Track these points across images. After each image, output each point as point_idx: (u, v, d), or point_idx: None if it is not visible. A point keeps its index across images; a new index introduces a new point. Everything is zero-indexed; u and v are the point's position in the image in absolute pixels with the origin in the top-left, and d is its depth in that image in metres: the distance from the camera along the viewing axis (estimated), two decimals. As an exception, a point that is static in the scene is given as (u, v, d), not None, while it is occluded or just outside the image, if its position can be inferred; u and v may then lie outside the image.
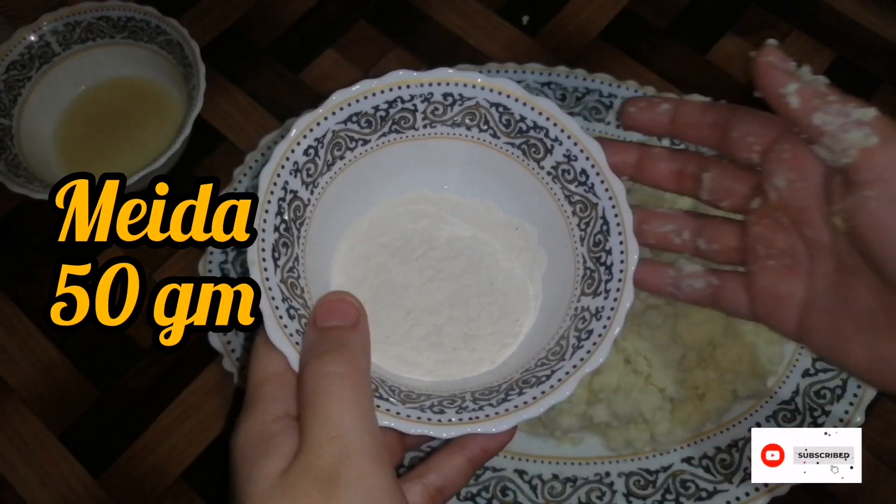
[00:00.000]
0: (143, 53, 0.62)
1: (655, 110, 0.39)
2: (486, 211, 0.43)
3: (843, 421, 0.51)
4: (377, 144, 0.41)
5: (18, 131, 0.60)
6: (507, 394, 0.35)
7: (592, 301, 0.37)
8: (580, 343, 0.36)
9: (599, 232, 0.39)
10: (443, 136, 0.42)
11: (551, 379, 0.35)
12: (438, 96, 0.41)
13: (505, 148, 0.41)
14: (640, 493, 0.50)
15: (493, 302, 0.41)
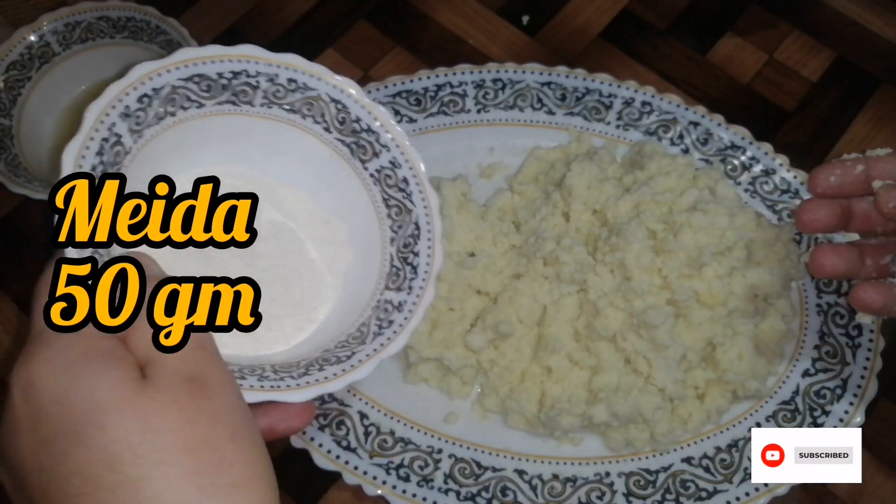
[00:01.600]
0: (143, 53, 0.62)
1: (852, 173, 0.41)
2: (300, 200, 0.44)
3: (843, 421, 0.51)
4: (211, 111, 0.41)
5: (18, 131, 0.60)
6: (308, 369, 0.36)
7: (396, 295, 0.40)
8: (381, 331, 0.39)
9: (411, 235, 0.41)
10: (277, 118, 0.42)
11: (352, 359, 0.37)
12: (283, 79, 0.42)
13: (334, 144, 0.43)
14: (640, 493, 0.50)
15: (294, 287, 0.42)
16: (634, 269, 0.50)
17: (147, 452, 0.27)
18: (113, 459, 0.27)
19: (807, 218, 0.42)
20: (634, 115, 0.61)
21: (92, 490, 0.27)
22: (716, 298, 0.50)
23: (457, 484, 0.51)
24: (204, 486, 0.28)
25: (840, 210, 0.42)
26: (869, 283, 0.42)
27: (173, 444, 0.28)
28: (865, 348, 0.53)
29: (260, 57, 0.41)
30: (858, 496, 0.52)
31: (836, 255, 0.42)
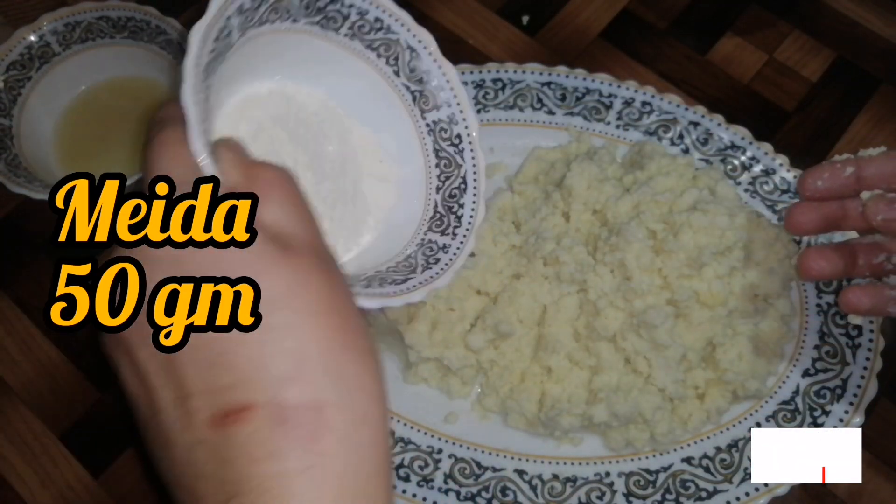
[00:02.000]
0: (143, 53, 0.62)
1: (841, 176, 0.41)
2: (362, 135, 0.46)
3: (843, 421, 0.51)
4: (302, 28, 0.42)
5: (18, 131, 0.60)
6: (370, 283, 0.39)
7: (440, 238, 0.43)
8: (429, 265, 0.42)
9: (457, 188, 0.44)
10: (354, 52, 0.44)
11: (406, 283, 0.40)
12: (371, 17, 0.43)
13: (400, 88, 0.45)
14: (640, 493, 0.50)
15: (346, 211, 0.44)
16: (634, 269, 0.50)
17: (297, 304, 0.29)
18: (275, 301, 0.28)
19: (795, 221, 0.43)
20: (634, 115, 0.61)
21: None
22: (716, 298, 0.50)
23: (457, 484, 0.51)
24: (346, 344, 0.29)
25: (831, 212, 0.42)
26: (858, 286, 0.42)
27: (318, 302, 0.29)
28: (865, 348, 0.53)
29: None
30: (858, 496, 0.52)
31: (823, 258, 0.42)
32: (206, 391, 0.28)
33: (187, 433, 0.28)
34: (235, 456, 0.27)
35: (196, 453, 0.28)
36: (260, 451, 0.27)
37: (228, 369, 0.28)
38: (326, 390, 0.28)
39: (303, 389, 0.28)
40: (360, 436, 0.29)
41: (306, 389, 0.28)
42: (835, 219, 0.43)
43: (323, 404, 0.28)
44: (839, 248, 0.43)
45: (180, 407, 0.28)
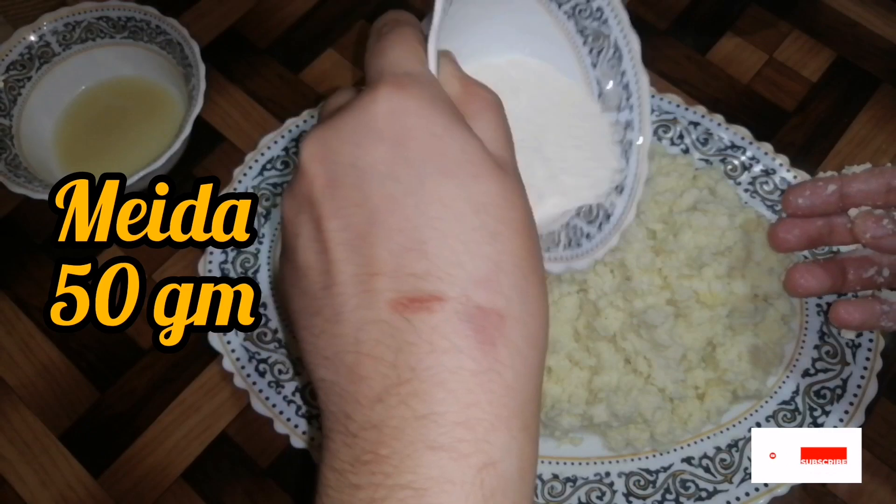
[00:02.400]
0: (143, 53, 0.62)
1: (823, 193, 0.41)
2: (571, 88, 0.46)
3: (843, 421, 0.51)
4: None
5: (18, 131, 0.60)
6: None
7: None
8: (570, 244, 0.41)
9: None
10: (566, 32, 0.44)
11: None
12: (594, 6, 0.44)
13: (592, 81, 0.45)
14: (640, 493, 0.50)
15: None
16: (634, 269, 0.50)
17: (504, 216, 0.29)
18: (486, 207, 0.29)
19: (778, 238, 0.43)
20: (634, 115, 0.61)
21: (456, 227, 0.28)
22: (716, 298, 0.50)
23: (457, 484, 0.51)
24: (534, 268, 0.30)
25: (816, 228, 0.42)
26: (848, 301, 0.42)
27: (520, 220, 0.30)
28: (865, 348, 0.53)
29: None
30: (858, 496, 0.52)
31: (810, 274, 0.42)
32: (396, 273, 0.28)
33: (365, 310, 0.28)
34: (415, 342, 0.27)
35: (370, 332, 0.28)
36: (443, 343, 0.27)
37: (424, 257, 0.28)
38: (513, 303, 0.28)
39: (492, 295, 0.28)
40: (531, 356, 0.29)
41: (495, 297, 0.28)
42: (820, 235, 0.43)
43: (506, 315, 0.28)
44: (827, 264, 0.43)
45: (363, 283, 0.28)
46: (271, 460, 0.54)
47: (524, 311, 0.29)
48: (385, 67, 0.32)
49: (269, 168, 0.59)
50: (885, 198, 0.40)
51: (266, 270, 0.56)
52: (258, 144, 0.60)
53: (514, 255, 0.29)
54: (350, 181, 0.29)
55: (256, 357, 0.54)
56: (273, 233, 0.58)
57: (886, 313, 0.42)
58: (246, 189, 0.58)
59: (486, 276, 0.28)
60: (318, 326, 0.29)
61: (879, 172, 0.41)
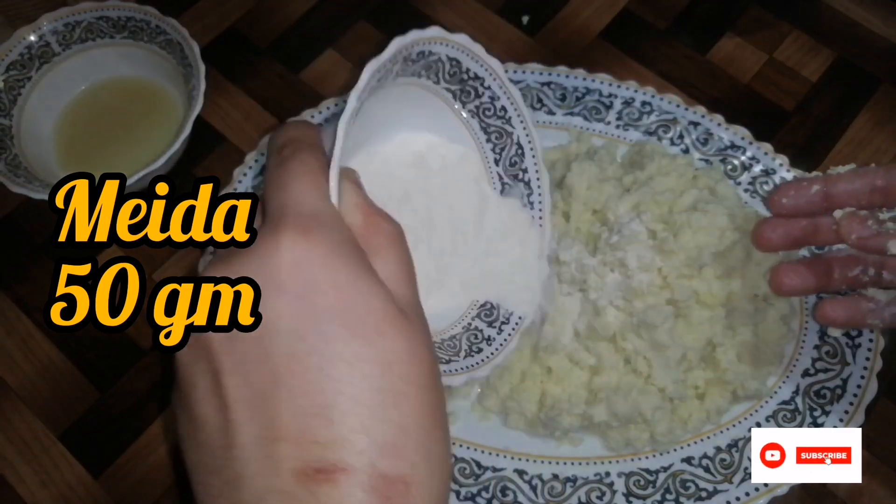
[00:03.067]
0: (143, 53, 0.62)
1: (807, 193, 0.41)
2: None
3: (843, 421, 0.51)
4: (439, 88, 0.44)
5: (18, 131, 0.60)
6: None
7: (487, 329, 0.43)
8: (471, 353, 0.42)
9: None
10: (471, 130, 0.46)
11: (449, 365, 0.40)
12: (499, 105, 0.45)
13: (494, 176, 0.46)
14: (640, 493, 0.50)
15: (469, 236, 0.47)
16: (634, 269, 0.50)
17: (408, 373, 0.28)
18: (391, 366, 0.28)
19: (763, 237, 0.43)
20: (634, 115, 0.61)
21: (362, 390, 0.28)
22: (716, 298, 0.50)
23: (457, 484, 0.51)
24: (437, 422, 0.29)
25: (801, 228, 0.42)
26: (833, 299, 0.42)
27: (425, 375, 0.29)
28: (865, 348, 0.53)
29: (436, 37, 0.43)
30: (858, 496, 0.52)
31: (795, 274, 0.42)
32: (300, 440, 0.27)
33: (268, 478, 0.27)
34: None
35: (270, 500, 0.27)
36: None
37: (329, 424, 0.27)
38: (418, 468, 0.28)
39: (398, 462, 0.28)
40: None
41: (401, 463, 0.28)
42: (805, 235, 0.43)
43: (411, 481, 0.28)
44: (813, 263, 0.43)
45: (265, 448, 0.27)
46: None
47: (428, 473, 0.28)
48: (287, 204, 0.30)
49: (269, 168, 0.59)
50: (869, 198, 0.40)
51: (266, 270, 0.56)
52: (258, 144, 0.60)
53: (420, 415, 0.29)
54: (251, 335, 0.28)
55: (256, 357, 0.54)
56: (273, 233, 0.57)
57: (872, 311, 0.42)
58: (246, 189, 0.58)
59: (391, 441, 0.27)
60: (216, 487, 0.28)
61: (863, 173, 0.41)
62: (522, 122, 0.45)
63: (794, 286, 0.43)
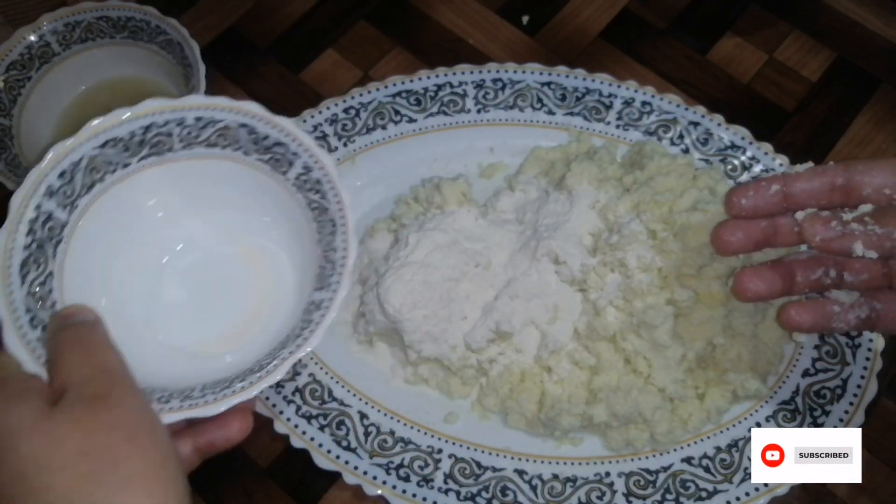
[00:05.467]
0: (143, 53, 0.62)
1: (767, 194, 0.40)
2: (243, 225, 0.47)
3: (843, 421, 0.51)
4: (138, 167, 0.44)
5: (18, 131, 0.60)
6: (232, 382, 0.38)
7: (319, 294, 0.41)
8: (301, 332, 0.40)
9: (330, 233, 0.42)
10: (199, 156, 0.45)
11: (269, 365, 0.38)
12: (191, 120, 0.44)
13: (256, 163, 0.45)
14: (640, 493, 0.50)
15: (251, 303, 0.46)
16: (634, 269, 0.50)
17: (48, 463, 0.32)
18: (23, 474, 0.32)
19: (722, 240, 0.41)
20: (634, 115, 0.61)
21: (6, 501, 0.32)
22: (716, 298, 0.50)
23: (457, 484, 0.51)
24: (100, 482, 0.32)
25: (760, 230, 0.41)
26: (798, 303, 0.41)
27: (71, 453, 0.32)
28: (865, 348, 0.53)
29: (163, 107, 0.43)
30: (858, 496, 0.52)
31: (758, 278, 0.41)
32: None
33: None
34: None
35: None
36: None
37: None
38: None
39: None
40: None
41: None
42: (765, 237, 0.41)
43: None
44: (776, 267, 0.42)
45: None
46: (271, 460, 0.54)
47: None
48: None
49: (269, 168, 0.59)
50: (829, 197, 0.39)
51: (266, 270, 0.56)
52: (258, 144, 0.60)
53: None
54: None
55: (256, 357, 0.54)
56: (273, 233, 0.58)
57: (837, 314, 0.41)
58: (246, 189, 0.58)
59: None
60: None
61: (822, 171, 0.39)
62: (336, 195, 0.43)
63: (759, 291, 0.41)
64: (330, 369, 0.54)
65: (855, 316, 0.41)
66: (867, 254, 0.37)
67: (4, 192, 0.55)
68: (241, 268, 0.47)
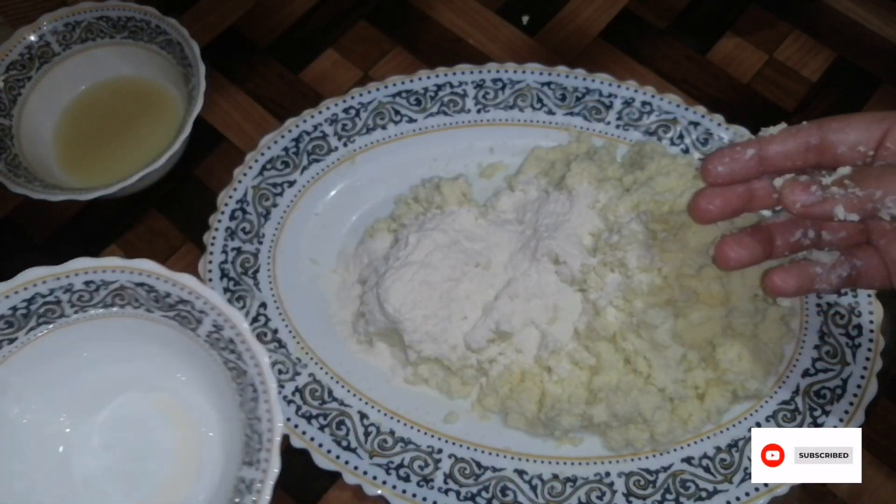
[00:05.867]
0: (143, 53, 0.62)
1: (742, 159, 0.40)
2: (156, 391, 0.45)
3: (843, 421, 0.51)
4: (27, 339, 0.43)
5: (18, 131, 0.60)
6: None
7: (249, 472, 0.39)
8: None
9: (252, 399, 0.40)
10: (97, 317, 0.43)
11: None
12: (80, 284, 0.42)
13: (162, 320, 0.43)
14: (640, 493, 0.50)
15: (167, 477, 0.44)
16: (634, 269, 0.50)
17: None
18: None
19: (700, 208, 0.41)
20: (634, 115, 0.61)
21: None
22: (716, 298, 0.50)
23: (457, 484, 0.51)
24: None
25: (737, 196, 0.41)
26: (780, 268, 0.41)
27: None
28: (865, 348, 0.53)
29: (45, 276, 0.42)
30: (858, 496, 0.52)
31: (739, 245, 0.41)
32: None
33: None
34: None
35: None
36: None
37: None
38: None
39: None
40: None
41: None
42: (742, 203, 0.41)
43: None
44: (755, 232, 0.41)
45: None
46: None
47: None
48: None
49: (269, 168, 0.59)
50: (804, 157, 0.39)
51: (266, 270, 0.56)
52: (258, 144, 0.60)
53: None
54: None
55: (256, 357, 0.54)
56: (273, 233, 0.58)
57: (819, 275, 0.41)
58: (245, 189, 0.58)
59: None
60: None
61: (796, 131, 0.39)
62: (253, 357, 0.40)
63: (740, 258, 0.41)
64: (330, 369, 0.54)
65: (837, 276, 0.41)
66: (849, 217, 0.37)
67: (4, 192, 0.55)
68: (161, 427, 0.45)
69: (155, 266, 0.42)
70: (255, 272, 0.56)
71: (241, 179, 0.59)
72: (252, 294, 0.55)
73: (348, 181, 0.60)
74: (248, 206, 0.58)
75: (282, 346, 0.54)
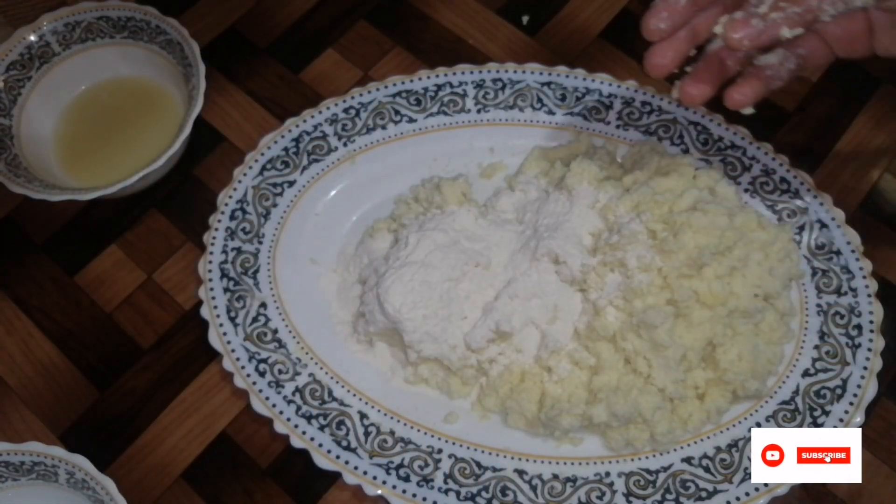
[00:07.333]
0: (143, 53, 0.62)
1: (678, 8, 0.42)
2: None
3: (843, 421, 0.51)
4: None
5: (18, 131, 0.60)
6: None
7: None
8: None
9: None
10: None
11: None
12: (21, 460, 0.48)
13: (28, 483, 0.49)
14: (640, 493, 0.50)
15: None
16: (634, 269, 0.50)
17: None
18: None
19: (655, 65, 0.43)
20: (634, 115, 0.61)
21: None
22: (716, 298, 0.50)
23: (457, 484, 0.51)
24: None
25: (682, 41, 0.43)
26: (735, 84, 0.43)
27: None
28: (865, 348, 0.53)
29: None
30: (858, 496, 0.52)
31: (698, 81, 0.43)
32: None
33: None
34: None
35: None
36: None
37: None
38: None
39: None
40: None
41: None
42: (689, 44, 0.43)
43: None
44: (707, 65, 0.44)
45: None
46: (271, 460, 0.54)
47: None
48: None
49: (269, 168, 0.59)
50: None
51: (266, 270, 0.56)
52: (258, 144, 0.60)
53: None
54: None
55: (256, 357, 0.54)
56: (273, 233, 0.58)
57: (770, 76, 0.43)
58: (245, 189, 0.58)
59: None
60: None
61: None
62: (103, 489, 0.46)
63: (703, 92, 0.43)
64: (330, 369, 0.54)
65: (787, 70, 0.43)
66: (794, 33, 0.40)
67: (4, 192, 0.55)
68: None
69: (84, 462, 0.47)
70: (255, 272, 0.56)
71: (241, 179, 0.59)
72: (252, 294, 0.55)
73: (348, 181, 0.60)
74: (248, 206, 0.58)
75: (282, 346, 0.54)
